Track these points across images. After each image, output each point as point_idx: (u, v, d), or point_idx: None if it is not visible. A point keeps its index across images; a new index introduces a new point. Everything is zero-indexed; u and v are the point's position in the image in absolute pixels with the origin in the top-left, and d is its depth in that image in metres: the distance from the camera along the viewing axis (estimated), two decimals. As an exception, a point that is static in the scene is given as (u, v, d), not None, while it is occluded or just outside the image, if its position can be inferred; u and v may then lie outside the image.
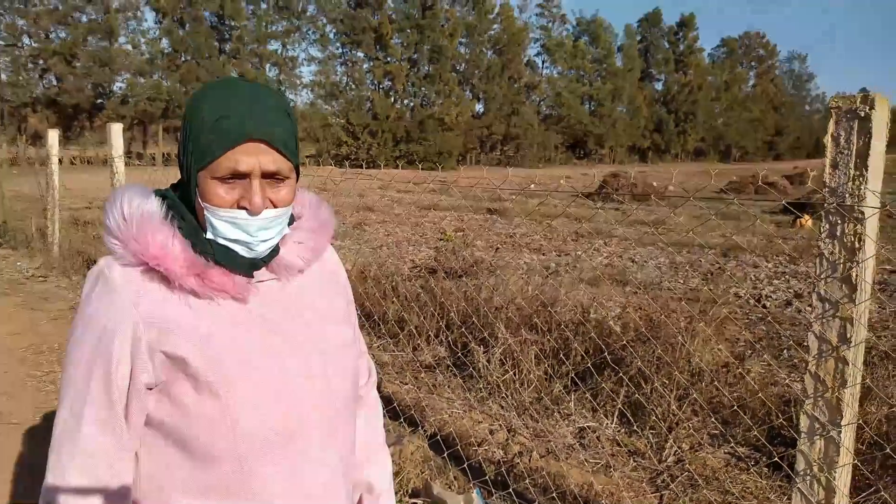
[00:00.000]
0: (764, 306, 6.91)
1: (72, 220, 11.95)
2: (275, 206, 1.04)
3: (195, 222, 1.07)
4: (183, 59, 55.96)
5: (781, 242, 11.21)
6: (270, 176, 1.02)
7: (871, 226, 1.87)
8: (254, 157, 1.00)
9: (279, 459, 1.07)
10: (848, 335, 1.86)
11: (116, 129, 6.49)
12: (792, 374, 4.74)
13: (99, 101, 53.20)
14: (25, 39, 50.59)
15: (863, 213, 1.87)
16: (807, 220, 13.88)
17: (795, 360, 5.08)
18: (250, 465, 1.04)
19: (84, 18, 52.08)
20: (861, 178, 1.88)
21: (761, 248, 10.68)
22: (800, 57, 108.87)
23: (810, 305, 2.02)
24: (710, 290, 7.35)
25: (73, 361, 1.03)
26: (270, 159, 1.01)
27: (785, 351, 5.32)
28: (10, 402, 4.09)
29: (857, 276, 1.86)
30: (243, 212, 1.02)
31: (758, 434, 3.52)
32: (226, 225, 1.02)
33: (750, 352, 4.92)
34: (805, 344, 5.72)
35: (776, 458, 3.35)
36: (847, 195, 1.91)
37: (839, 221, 1.91)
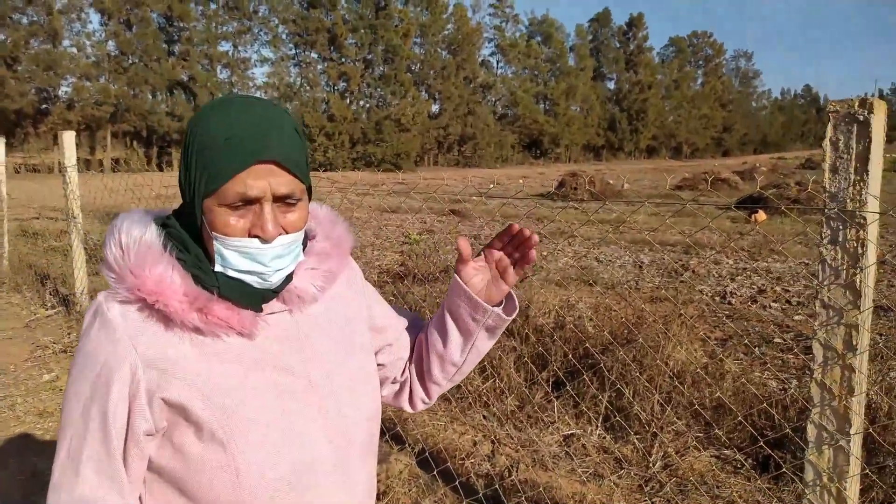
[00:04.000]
0: (730, 303, 7.01)
1: (20, 230, 11.48)
2: (287, 232, 0.96)
3: (200, 252, 0.98)
4: (131, 61, 54.63)
5: (739, 238, 11.43)
6: (282, 199, 0.94)
7: (873, 231, 1.86)
8: (264, 179, 0.91)
9: None
10: (854, 342, 1.83)
11: (69, 138, 6.22)
12: (766, 373, 4.79)
13: (44, 105, 51.54)
14: (-39, 42, 48.65)
15: (865, 218, 1.85)
16: (761, 215, 14.20)
17: (766, 358, 5.15)
18: None
19: (25, 20, 50.37)
20: (862, 183, 1.86)
21: (721, 244, 10.86)
22: (746, 55, 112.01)
23: (806, 315, 1.99)
24: (677, 289, 7.42)
25: (71, 399, 0.95)
26: (282, 181, 0.92)
27: (756, 348, 5.38)
28: (-37, 430, 3.85)
29: (860, 282, 1.84)
30: (255, 240, 0.93)
31: (742, 435, 3.54)
32: (237, 255, 0.94)
33: (725, 351, 4.95)
34: (774, 341, 5.73)
35: (767, 459, 3.37)
36: (848, 200, 1.88)
37: (841, 227, 1.88)
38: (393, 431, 3.49)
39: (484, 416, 3.88)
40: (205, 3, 57.78)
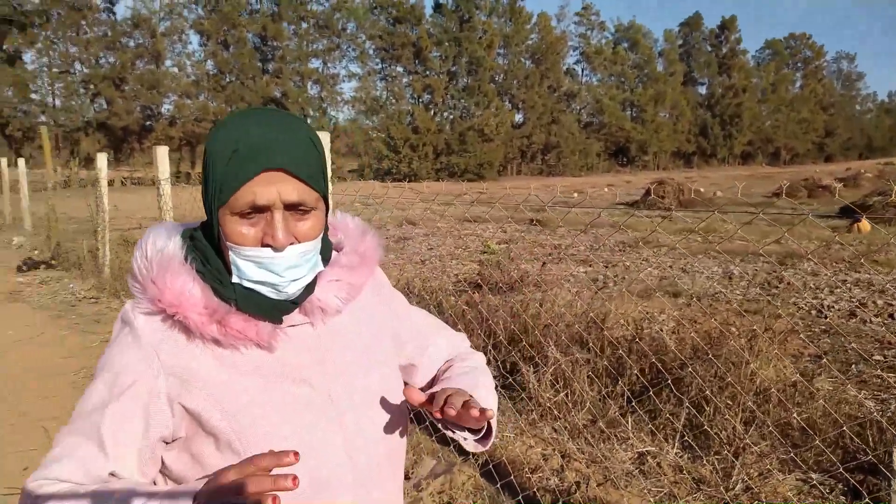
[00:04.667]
0: (826, 317, 6.59)
1: (122, 240, 12.19)
2: (299, 241, 0.94)
3: (220, 265, 0.98)
4: (228, 79, 57.35)
5: (840, 248, 10.76)
6: (293, 207, 0.93)
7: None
8: (273, 186, 0.90)
9: None
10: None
11: (162, 153, 6.56)
12: (863, 391, 4.47)
13: (148, 122, 54.93)
14: (77, 66, 52.59)
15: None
16: (865, 224, 13.32)
17: (865, 376, 4.80)
18: None
19: (132, 43, 53.96)
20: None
21: (819, 254, 10.26)
22: (848, 56, 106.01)
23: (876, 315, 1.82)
24: (770, 301, 7.05)
25: (86, 398, 0.97)
26: (291, 188, 0.91)
27: (853, 366, 5.03)
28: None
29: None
30: (268, 250, 0.93)
31: (831, 458, 3.30)
32: (250, 265, 0.93)
33: (818, 369, 4.66)
34: (874, 358, 5.35)
35: (854, 485, 3.13)
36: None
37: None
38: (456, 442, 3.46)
39: (554, 430, 3.80)
40: (297, 22, 60.04)
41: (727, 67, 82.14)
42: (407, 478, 3.02)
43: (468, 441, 1.13)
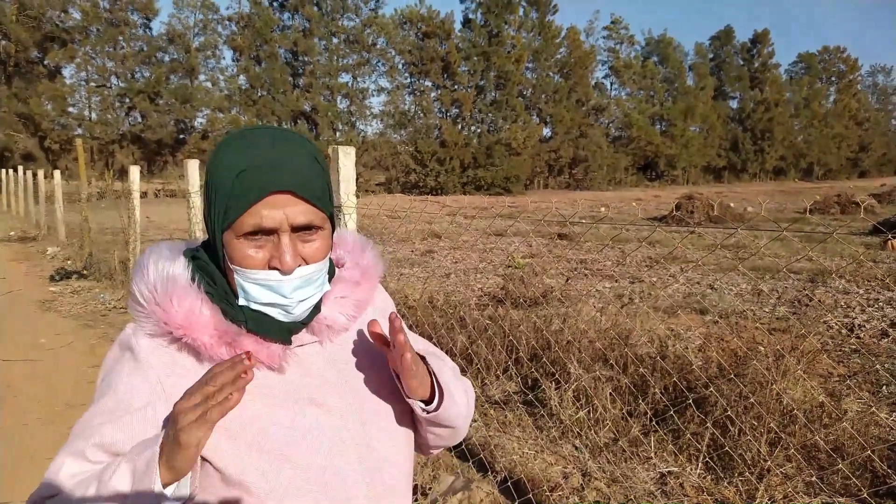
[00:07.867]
0: (858, 337, 6.45)
1: (153, 251, 12.37)
2: (307, 263, 0.93)
3: (227, 285, 0.97)
4: (259, 94, 58.19)
5: (873, 266, 10.53)
6: (301, 229, 0.92)
7: None
8: (280, 209, 0.89)
9: None
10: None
11: (192, 165, 6.68)
12: (894, 413, 4.35)
13: (181, 136, 55.96)
14: (113, 80, 53.91)
15: None
16: (900, 242, 13.01)
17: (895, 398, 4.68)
18: None
19: (167, 58, 55.21)
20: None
21: (851, 272, 10.05)
22: (884, 69, 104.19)
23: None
24: (800, 319, 6.92)
25: (86, 418, 0.94)
26: (299, 210, 0.91)
27: (884, 387, 4.91)
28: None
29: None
30: (275, 272, 0.91)
31: (858, 482, 3.22)
32: (258, 288, 0.92)
33: (846, 389, 4.56)
34: (908, 379, 5.20)
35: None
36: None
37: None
38: (476, 458, 3.45)
39: (575, 447, 3.76)
40: (328, 38, 60.78)
41: (759, 81, 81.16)
42: (424, 494, 3.01)
43: (416, 405, 1.06)
